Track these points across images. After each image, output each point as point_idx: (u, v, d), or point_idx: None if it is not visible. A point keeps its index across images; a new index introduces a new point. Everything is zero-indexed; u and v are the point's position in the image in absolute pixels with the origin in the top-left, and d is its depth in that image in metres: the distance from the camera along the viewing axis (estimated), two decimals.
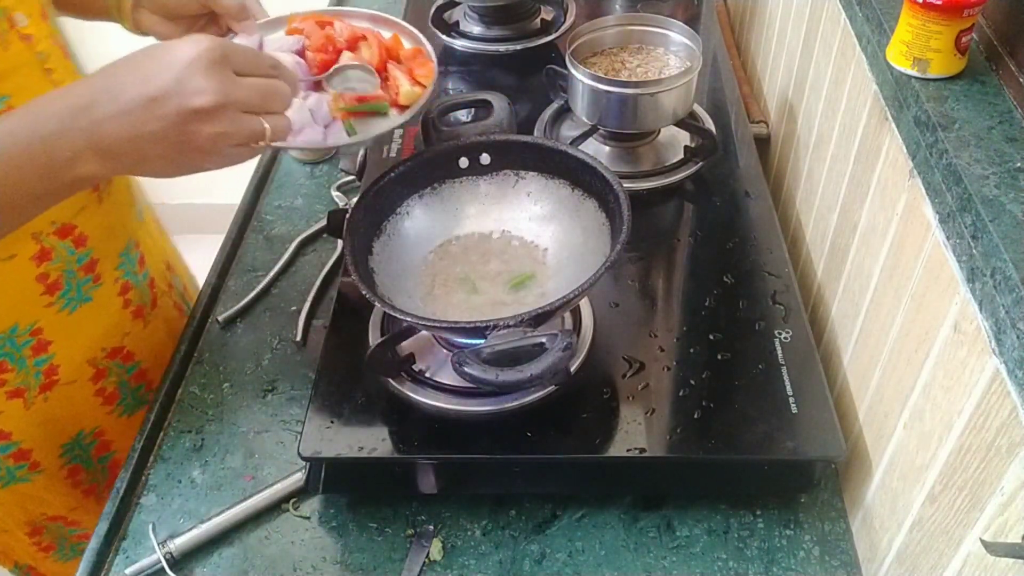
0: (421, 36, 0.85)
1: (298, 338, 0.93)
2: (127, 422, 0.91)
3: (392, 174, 0.82)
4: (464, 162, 0.86)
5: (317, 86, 0.79)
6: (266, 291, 0.99)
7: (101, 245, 0.85)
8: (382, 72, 0.81)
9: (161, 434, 0.85)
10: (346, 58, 0.80)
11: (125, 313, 0.89)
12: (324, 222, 0.98)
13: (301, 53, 0.80)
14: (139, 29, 0.82)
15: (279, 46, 0.80)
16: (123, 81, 0.57)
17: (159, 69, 0.57)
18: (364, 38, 0.83)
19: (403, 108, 0.79)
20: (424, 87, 0.80)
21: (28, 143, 0.57)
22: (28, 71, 0.74)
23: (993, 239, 0.51)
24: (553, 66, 1.05)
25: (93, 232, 0.84)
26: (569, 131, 1.06)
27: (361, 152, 1.04)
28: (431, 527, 0.76)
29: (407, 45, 0.85)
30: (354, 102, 0.78)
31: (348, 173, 1.12)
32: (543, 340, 0.68)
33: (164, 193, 2.47)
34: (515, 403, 0.75)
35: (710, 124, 1.05)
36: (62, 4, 0.84)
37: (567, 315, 0.83)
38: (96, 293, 0.84)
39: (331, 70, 0.78)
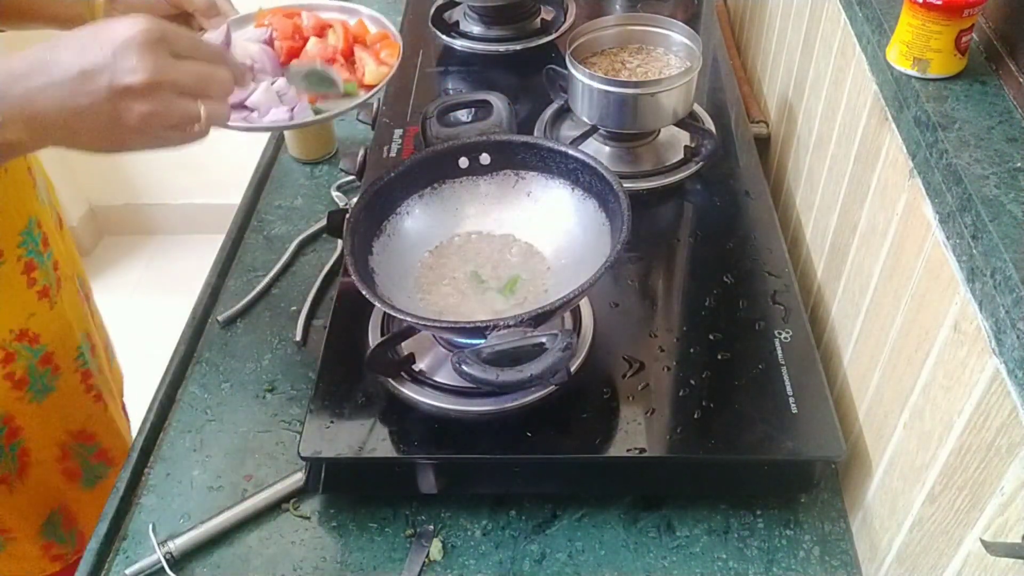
0: (385, 20, 0.88)
1: (298, 338, 0.93)
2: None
3: (392, 174, 0.82)
4: (464, 162, 0.86)
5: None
6: (266, 291, 0.99)
7: (55, 342, 0.86)
8: (349, 57, 0.84)
9: (161, 434, 0.85)
10: (312, 45, 0.83)
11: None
12: (324, 222, 0.98)
13: (269, 43, 0.82)
14: None
15: (247, 37, 0.82)
16: (60, 54, 0.57)
17: (96, 45, 0.57)
18: (330, 26, 0.86)
19: (370, 88, 0.82)
20: (389, 66, 0.83)
21: None
22: None
23: (993, 239, 0.51)
24: (553, 66, 1.05)
25: (46, 332, 0.85)
26: (569, 131, 1.06)
27: (361, 152, 1.04)
28: (431, 527, 0.76)
29: (373, 30, 0.88)
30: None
31: (348, 173, 1.12)
32: (543, 340, 0.68)
33: (166, 194, 2.48)
34: (515, 403, 0.75)
35: (710, 124, 1.05)
36: (24, 18, 0.85)
37: (567, 315, 0.83)
38: (58, 383, 0.84)
39: (294, 71, 0.80)
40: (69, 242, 1.02)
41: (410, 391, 0.77)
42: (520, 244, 0.85)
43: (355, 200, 0.80)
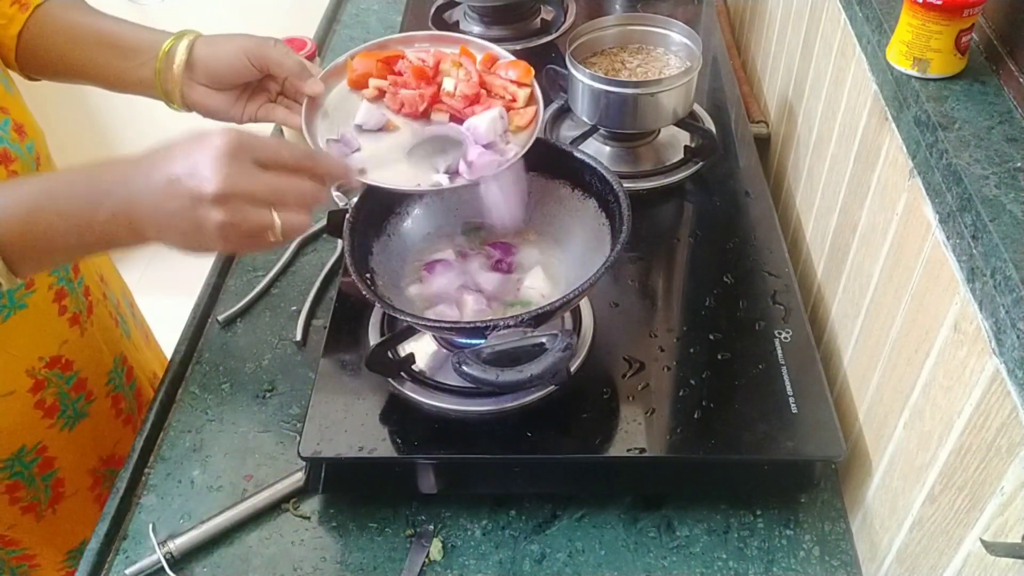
0: (482, 41, 0.85)
1: (298, 338, 0.93)
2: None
3: None
4: None
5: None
6: (266, 291, 0.99)
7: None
8: (483, 85, 0.80)
9: (161, 434, 0.85)
10: (449, 84, 0.79)
11: (61, 320, 0.86)
12: (324, 222, 0.98)
13: (379, 97, 0.80)
14: (186, 104, 0.82)
15: (365, 119, 0.78)
16: (159, 161, 0.61)
17: (185, 153, 0.60)
18: (440, 60, 0.81)
19: (524, 114, 0.79)
20: (528, 85, 0.80)
21: (72, 200, 0.62)
22: None
23: (993, 239, 0.51)
24: (553, 66, 1.05)
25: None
26: (569, 131, 1.06)
27: None
28: (431, 527, 0.76)
29: (477, 54, 0.83)
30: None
31: None
32: (543, 340, 0.68)
33: None
34: (515, 403, 0.75)
35: (710, 124, 1.05)
36: (72, 73, 0.84)
37: (567, 315, 0.83)
38: (31, 300, 0.82)
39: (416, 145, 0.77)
40: (105, 260, 1.01)
41: (410, 391, 0.77)
42: (520, 244, 0.85)
43: (355, 200, 0.80)
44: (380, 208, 0.83)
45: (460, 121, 0.78)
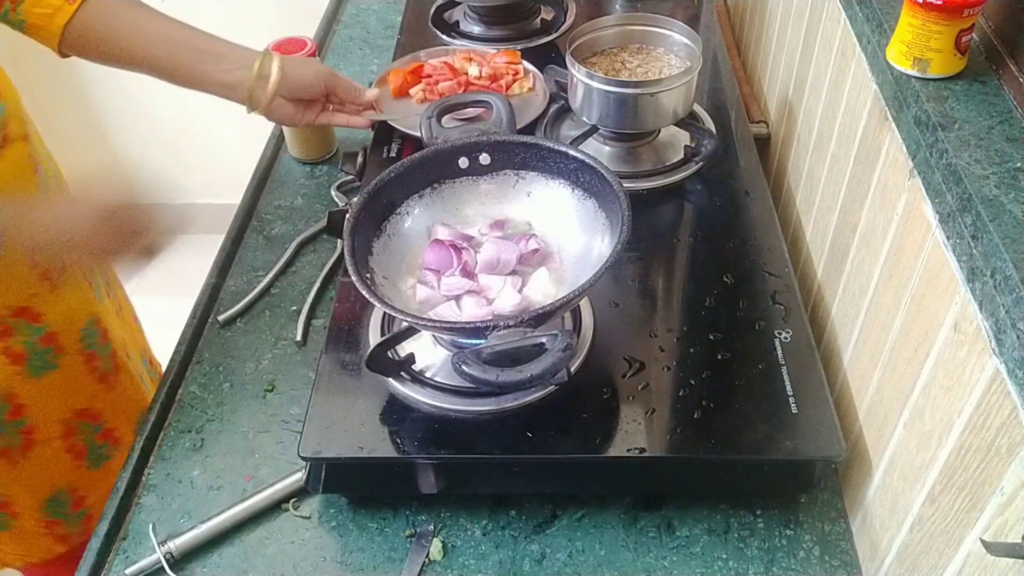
0: (480, 47, 1.06)
1: (298, 338, 0.93)
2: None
3: (392, 174, 0.82)
4: (464, 162, 0.86)
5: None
6: (266, 291, 0.99)
7: (58, 323, 0.93)
8: (495, 80, 1.10)
9: (161, 434, 0.85)
10: (473, 72, 1.10)
11: (90, 379, 0.97)
12: (324, 222, 0.98)
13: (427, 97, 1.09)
14: (269, 113, 0.97)
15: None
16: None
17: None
18: (453, 62, 1.09)
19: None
20: (519, 63, 1.13)
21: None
22: None
23: (993, 239, 0.51)
24: (553, 66, 1.05)
25: (49, 312, 0.92)
26: (569, 131, 1.06)
27: (361, 152, 1.04)
28: (431, 527, 0.76)
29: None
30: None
31: (348, 173, 1.12)
32: (543, 340, 0.68)
33: (166, 194, 2.47)
34: (515, 403, 0.75)
35: (710, 124, 1.05)
36: (128, 62, 0.91)
37: (567, 315, 0.83)
38: (61, 361, 0.92)
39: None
40: (128, 319, 1.11)
41: (410, 391, 0.77)
42: (520, 244, 0.85)
43: (355, 200, 0.80)
44: (380, 208, 0.83)
45: None
